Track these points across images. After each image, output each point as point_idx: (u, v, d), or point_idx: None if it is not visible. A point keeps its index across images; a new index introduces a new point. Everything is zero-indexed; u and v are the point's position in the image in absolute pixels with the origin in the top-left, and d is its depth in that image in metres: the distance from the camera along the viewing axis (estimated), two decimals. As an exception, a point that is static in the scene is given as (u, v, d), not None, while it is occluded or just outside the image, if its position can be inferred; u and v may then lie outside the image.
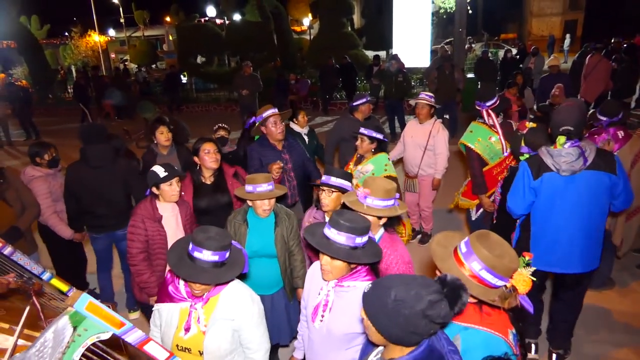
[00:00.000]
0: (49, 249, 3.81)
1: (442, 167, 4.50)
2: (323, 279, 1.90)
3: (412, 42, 14.87)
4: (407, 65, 10.73)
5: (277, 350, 3.09)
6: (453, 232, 1.79)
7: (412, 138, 4.62)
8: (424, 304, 1.17)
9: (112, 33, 36.74)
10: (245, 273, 2.01)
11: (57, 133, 11.87)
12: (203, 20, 21.86)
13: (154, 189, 2.78)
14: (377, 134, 3.67)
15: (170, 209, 2.87)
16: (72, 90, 16.72)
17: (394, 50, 14.38)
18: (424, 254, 4.37)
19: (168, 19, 30.94)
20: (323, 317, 1.92)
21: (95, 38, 29.14)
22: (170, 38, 32.54)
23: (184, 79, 17.58)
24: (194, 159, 3.19)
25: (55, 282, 1.80)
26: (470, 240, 1.57)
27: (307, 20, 26.93)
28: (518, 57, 13.17)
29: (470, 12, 20.87)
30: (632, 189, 2.76)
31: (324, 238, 1.78)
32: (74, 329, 1.18)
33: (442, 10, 24.69)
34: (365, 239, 1.78)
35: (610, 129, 3.67)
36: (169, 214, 2.86)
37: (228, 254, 1.85)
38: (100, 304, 1.19)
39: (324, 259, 1.81)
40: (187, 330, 1.92)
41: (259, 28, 16.71)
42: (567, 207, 2.67)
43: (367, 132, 3.66)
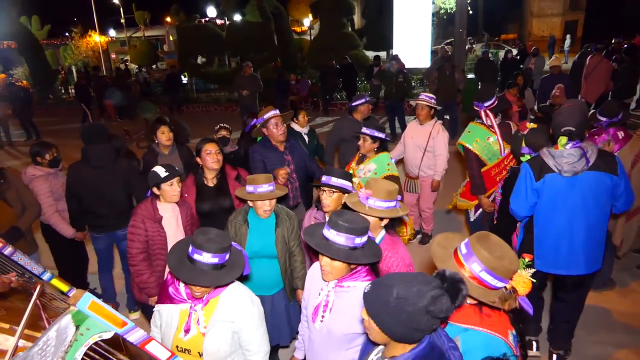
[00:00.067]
0: (52, 249, 3.83)
1: (441, 168, 4.50)
2: (323, 280, 1.90)
3: (412, 42, 14.85)
4: (407, 66, 10.74)
5: (277, 351, 3.09)
6: (453, 233, 1.80)
7: (412, 139, 4.62)
8: (427, 300, 1.18)
9: (112, 33, 36.79)
10: (246, 274, 2.01)
11: (57, 133, 11.87)
12: (203, 21, 21.85)
13: (155, 189, 2.79)
14: (379, 133, 3.68)
15: (171, 210, 2.87)
16: (73, 91, 16.73)
17: (395, 51, 14.39)
18: (424, 255, 4.37)
19: (168, 20, 30.94)
20: (323, 317, 1.92)
21: (96, 38, 29.19)
22: (171, 38, 32.50)
23: (185, 80, 17.58)
24: (197, 160, 3.18)
25: (56, 282, 1.79)
26: (471, 242, 1.58)
27: (307, 21, 26.92)
28: (518, 57, 13.12)
29: (471, 12, 20.84)
30: (632, 190, 2.75)
31: (323, 239, 1.78)
32: (77, 328, 1.19)
33: (442, 11, 24.71)
34: (365, 239, 1.78)
35: (610, 130, 3.67)
36: (169, 215, 2.86)
37: (228, 256, 1.85)
38: (103, 303, 1.20)
39: (324, 260, 1.81)
40: (186, 332, 1.93)
41: (260, 28, 16.70)
42: (569, 208, 2.66)
43: (369, 131, 3.66)
